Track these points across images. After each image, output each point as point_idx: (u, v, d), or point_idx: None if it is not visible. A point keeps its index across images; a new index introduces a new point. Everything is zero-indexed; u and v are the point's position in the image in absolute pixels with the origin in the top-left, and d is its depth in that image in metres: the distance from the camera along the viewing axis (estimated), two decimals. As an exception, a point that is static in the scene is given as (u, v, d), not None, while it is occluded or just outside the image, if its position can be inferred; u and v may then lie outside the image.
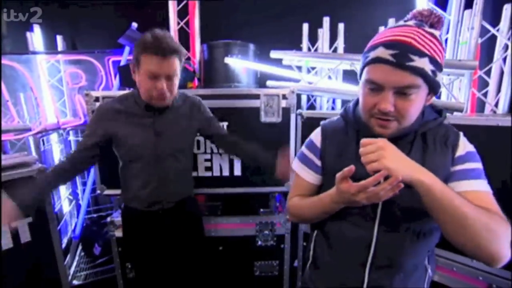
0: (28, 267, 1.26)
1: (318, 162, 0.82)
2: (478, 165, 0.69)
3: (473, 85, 1.55)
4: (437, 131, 0.71)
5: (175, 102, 1.19)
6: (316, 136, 0.84)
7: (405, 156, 0.61)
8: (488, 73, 1.58)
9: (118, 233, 1.58)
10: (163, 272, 1.26)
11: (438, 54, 0.61)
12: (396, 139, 0.67)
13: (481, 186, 0.66)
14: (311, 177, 0.83)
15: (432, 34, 0.61)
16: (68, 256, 2.12)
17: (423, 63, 0.59)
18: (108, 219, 1.60)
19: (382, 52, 0.61)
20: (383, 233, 0.72)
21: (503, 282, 1.03)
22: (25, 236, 1.22)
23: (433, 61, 0.60)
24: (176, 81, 1.09)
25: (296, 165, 0.87)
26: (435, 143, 0.70)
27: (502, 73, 1.50)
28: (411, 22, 0.63)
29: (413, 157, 0.64)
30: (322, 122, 0.85)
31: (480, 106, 1.68)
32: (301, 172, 0.85)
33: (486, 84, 1.61)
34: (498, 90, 1.53)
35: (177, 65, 1.06)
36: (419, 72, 0.59)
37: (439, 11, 1.87)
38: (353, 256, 0.76)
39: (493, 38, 1.53)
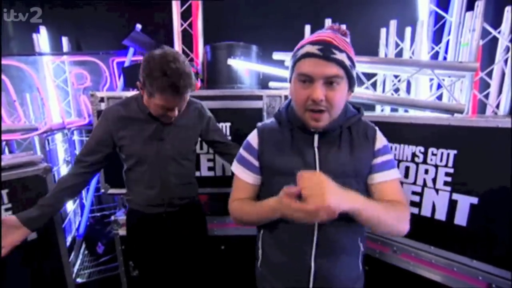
0: (34, 264, 1.28)
1: (256, 163, 0.87)
2: (391, 156, 0.84)
3: (475, 86, 1.55)
4: (359, 126, 0.84)
5: None
6: (253, 138, 0.89)
7: (340, 188, 0.66)
8: (489, 74, 1.58)
9: (122, 232, 1.60)
10: (166, 272, 1.28)
11: (351, 54, 0.74)
12: (326, 133, 0.79)
13: (394, 175, 0.83)
14: (250, 178, 0.88)
15: (345, 39, 0.75)
16: (72, 254, 2.14)
17: (343, 57, 0.71)
18: (112, 217, 1.62)
19: (310, 48, 0.72)
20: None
21: (503, 282, 1.04)
22: (31, 234, 1.24)
23: (349, 58, 0.72)
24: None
25: (235, 167, 0.91)
26: (358, 136, 0.82)
27: (503, 74, 1.51)
28: (328, 30, 0.77)
29: (343, 148, 0.79)
30: (258, 124, 0.92)
31: (482, 108, 1.69)
32: (240, 174, 0.89)
33: (487, 86, 1.62)
34: (500, 91, 1.54)
35: (189, 95, 1.09)
36: (341, 64, 0.71)
37: (440, 12, 1.89)
38: (297, 248, 0.82)
39: (495, 39, 1.53)
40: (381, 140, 0.84)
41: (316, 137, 0.81)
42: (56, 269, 1.36)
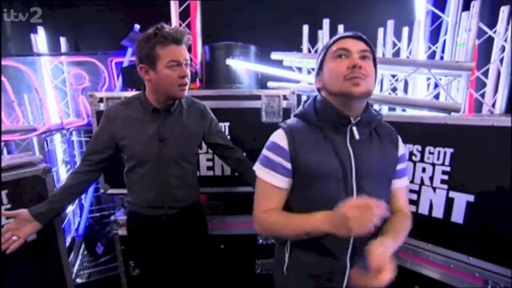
0: (34, 265, 1.28)
1: (288, 165, 0.80)
2: (406, 162, 0.92)
3: (471, 85, 1.57)
4: (383, 127, 0.88)
5: (181, 106, 1.20)
6: (280, 139, 0.82)
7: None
8: (485, 74, 1.60)
9: (121, 232, 1.60)
10: (167, 272, 1.28)
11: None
12: (360, 125, 0.81)
13: (406, 181, 0.92)
14: (281, 182, 0.81)
15: None
16: (72, 254, 2.14)
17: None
18: (112, 217, 1.62)
19: (344, 33, 0.82)
20: None
21: (499, 279, 1.05)
22: (31, 235, 1.24)
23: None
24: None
25: (261, 171, 0.83)
26: (385, 137, 0.86)
27: (499, 74, 1.52)
28: None
29: (374, 149, 0.82)
30: (281, 125, 0.86)
31: (478, 107, 1.70)
32: (267, 177, 0.81)
33: (483, 85, 1.63)
34: (496, 90, 1.55)
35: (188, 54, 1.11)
36: (369, 44, 0.81)
37: (437, 12, 1.90)
38: (333, 248, 0.80)
39: (491, 39, 1.55)
40: (402, 146, 0.89)
41: (348, 135, 0.81)
42: (55, 269, 1.36)
